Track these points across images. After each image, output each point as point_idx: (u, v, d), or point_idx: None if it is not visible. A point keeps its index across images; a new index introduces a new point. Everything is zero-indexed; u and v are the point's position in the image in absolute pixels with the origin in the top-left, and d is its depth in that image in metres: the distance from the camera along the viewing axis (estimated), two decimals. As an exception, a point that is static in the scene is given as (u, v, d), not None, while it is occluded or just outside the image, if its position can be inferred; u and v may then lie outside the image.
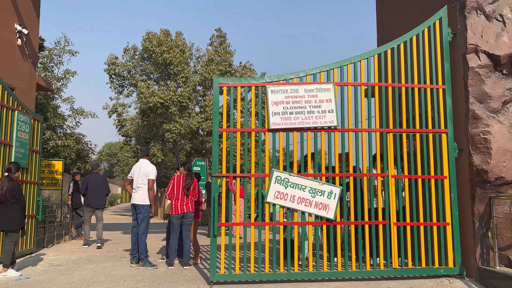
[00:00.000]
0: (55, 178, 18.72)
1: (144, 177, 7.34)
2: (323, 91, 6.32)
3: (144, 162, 7.48)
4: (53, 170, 19.09)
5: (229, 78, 6.44)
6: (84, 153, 28.10)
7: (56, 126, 24.04)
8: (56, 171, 18.93)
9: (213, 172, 6.07)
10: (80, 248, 9.96)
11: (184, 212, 7.18)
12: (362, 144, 6.34)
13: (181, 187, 7.25)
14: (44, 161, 19.36)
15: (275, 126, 6.18)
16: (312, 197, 6.09)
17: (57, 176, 18.48)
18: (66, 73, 24.38)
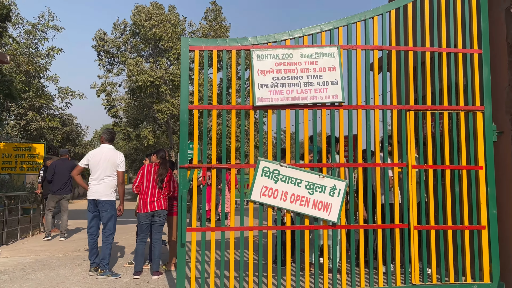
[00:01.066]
0: (36, 162, 17.43)
1: (112, 168, 5.97)
2: (325, 56, 4.87)
3: (109, 149, 6.07)
4: (34, 154, 17.77)
5: (203, 39, 4.93)
6: (74, 135, 26.77)
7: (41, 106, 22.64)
8: (38, 155, 17.61)
9: (181, 161, 4.67)
10: (43, 245, 8.65)
11: (155, 210, 5.82)
12: (375, 125, 4.92)
13: (152, 179, 5.87)
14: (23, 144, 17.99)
15: (262, 102, 4.75)
16: (310, 194, 4.70)
17: (39, 160, 17.15)
18: (50, 50, 22.83)
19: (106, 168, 5.95)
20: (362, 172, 5.15)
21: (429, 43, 5.12)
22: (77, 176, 6.15)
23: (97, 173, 5.96)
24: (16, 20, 22.69)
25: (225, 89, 4.86)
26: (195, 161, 4.76)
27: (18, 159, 17.31)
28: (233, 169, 4.74)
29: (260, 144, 4.66)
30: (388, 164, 5.00)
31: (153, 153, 6.19)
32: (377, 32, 5.05)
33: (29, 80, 21.05)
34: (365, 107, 4.92)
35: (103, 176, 5.94)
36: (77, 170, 6.13)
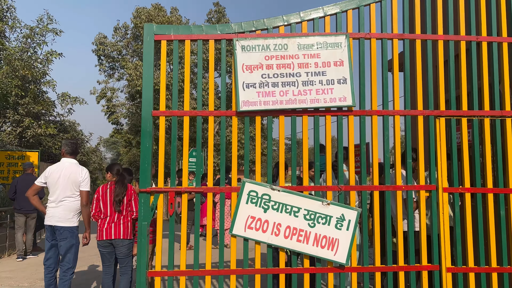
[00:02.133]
0: (29, 172, 16.55)
1: (73, 187, 4.86)
2: (330, 47, 3.77)
3: (71, 164, 4.96)
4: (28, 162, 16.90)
5: (172, 25, 3.87)
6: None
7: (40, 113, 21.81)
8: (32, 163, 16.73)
9: (141, 185, 3.58)
10: (12, 269, 7.62)
11: (112, 239, 4.70)
12: (395, 135, 3.80)
13: (109, 202, 4.77)
14: (17, 152, 17.09)
15: (248, 106, 3.66)
16: (311, 226, 3.58)
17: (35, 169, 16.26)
18: (49, 54, 22.02)
19: (65, 188, 4.86)
20: (378, 196, 4.02)
21: (464, 30, 3.99)
22: (32, 197, 5.05)
23: (56, 193, 4.88)
24: (13, 23, 21.96)
25: (201, 90, 3.78)
26: (161, 183, 3.66)
27: (11, 168, 16.44)
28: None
29: (246, 159, 3.57)
30: (412, 186, 3.85)
31: (106, 170, 5.08)
32: (397, 17, 3.94)
33: (26, 86, 20.24)
34: (382, 113, 3.80)
35: (62, 197, 4.86)
36: (32, 189, 5.04)
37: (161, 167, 3.64)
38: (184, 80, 3.75)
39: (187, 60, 3.76)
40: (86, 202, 4.87)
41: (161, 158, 3.64)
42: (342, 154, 3.79)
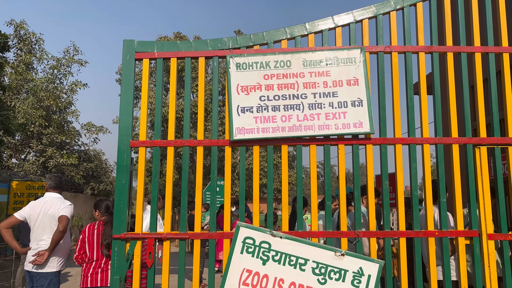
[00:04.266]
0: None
1: (53, 224, 4.30)
2: (342, 63, 3.15)
3: (52, 199, 4.44)
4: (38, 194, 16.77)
5: (156, 41, 3.38)
6: (100, 171, 25.93)
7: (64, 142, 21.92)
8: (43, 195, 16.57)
9: (115, 230, 2.98)
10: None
11: (98, 286, 4.09)
12: (425, 168, 3.10)
13: (96, 245, 4.18)
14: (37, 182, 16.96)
15: (244, 134, 3.05)
16: (321, 282, 2.87)
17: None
18: (73, 85, 22.30)
19: (44, 227, 4.31)
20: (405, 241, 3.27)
21: (507, 40, 3.30)
22: (4, 230, 4.30)
23: (35, 232, 4.35)
24: (41, 55, 22.45)
25: (188, 116, 3.21)
26: (138, 227, 3.05)
27: (31, 198, 16.31)
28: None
29: (241, 199, 2.94)
30: (448, 232, 3.10)
31: (94, 208, 4.49)
32: (423, 27, 3.30)
33: (50, 116, 20.42)
34: (408, 141, 3.11)
35: (41, 237, 4.31)
36: (7, 222, 4.36)
37: (140, 206, 3.05)
38: (169, 103, 3.20)
39: (173, 81, 3.22)
40: (63, 227, 4.20)
41: (139, 195, 3.05)
42: (358, 191, 3.10)
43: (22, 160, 20.92)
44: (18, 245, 4.43)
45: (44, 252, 4.16)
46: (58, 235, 4.20)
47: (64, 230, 4.22)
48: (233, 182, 22.49)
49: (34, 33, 22.59)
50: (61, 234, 4.21)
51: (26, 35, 22.17)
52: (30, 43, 22.32)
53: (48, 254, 4.18)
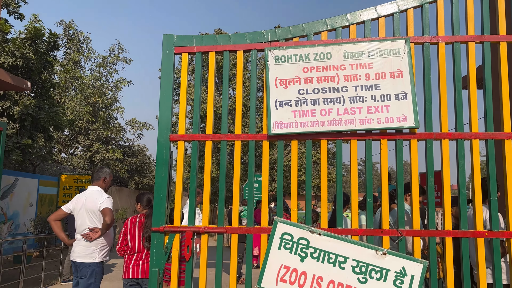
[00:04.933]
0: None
1: (92, 217, 4.45)
2: (386, 55, 3.03)
3: (92, 192, 4.60)
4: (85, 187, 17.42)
5: (195, 35, 3.36)
6: (144, 166, 26.64)
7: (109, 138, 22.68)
8: (98, 187, 17.16)
9: (154, 222, 3.01)
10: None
11: (139, 278, 4.18)
12: (474, 165, 2.93)
13: (137, 237, 4.27)
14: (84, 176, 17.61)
15: (282, 128, 3.00)
16: (361, 282, 2.78)
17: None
18: (118, 82, 23.02)
19: (84, 218, 4.46)
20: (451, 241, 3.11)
21: None
22: (53, 223, 4.55)
23: (78, 224, 4.51)
24: (88, 54, 23.31)
25: (226, 110, 3.19)
26: (177, 221, 3.07)
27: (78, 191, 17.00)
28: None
29: (279, 194, 2.89)
30: (500, 233, 2.92)
31: (136, 201, 4.57)
32: (473, 15, 3.11)
33: (97, 112, 21.16)
34: (455, 136, 2.95)
35: (83, 230, 4.46)
36: (56, 214, 4.60)
37: (178, 200, 3.07)
38: (208, 98, 3.19)
39: (211, 75, 3.21)
40: (110, 220, 4.30)
41: (178, 189, 3.08)
42: (402, 188, 2.97)
43: (70, 154, 21.83)
44: (65, 236, 4.61)
45: (98, 230, 4.31)
46: (105, 228, 4.32)
47: (111, 223, 4.33)
48: (272, 178, 22.49)
49: (82, 33, 23.51)
50: (109, 226, 4.33)
51: (74, 35, 23.09)
52: (78, 42, 23.24)
53: (99, 235, 4.32)
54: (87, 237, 4.32)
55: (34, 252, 12.20)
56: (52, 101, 12.38)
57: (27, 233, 13.71)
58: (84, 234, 4.35)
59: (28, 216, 13.68)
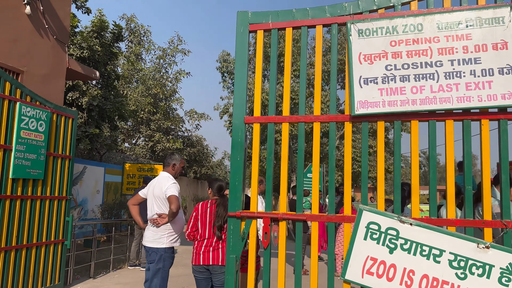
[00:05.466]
0: (156, 183, 17.49)
1: (159, 202, 4.45)
2: (487, 24, 2.68)
3: (161, 178, 4.60)
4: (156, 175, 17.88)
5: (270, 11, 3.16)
6: (202, 156, 27.14)
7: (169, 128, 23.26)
8: (157, 176, 17.65)
9: (230, 207, 2.89)
10: (127, 282, 7.64)
11: (208, 264, 4.11)
12: None
13: (208, 223, 4.20)
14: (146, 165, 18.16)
15: (367, 108, 2.75)
16: (460, 277, 2.49)
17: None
18: (178, 73, 23.48)
19: (153, 204, 4.48)
20: None
21: None
22: (132, 207, 4.70)
23: (148, 209, 4.55)
24: (149, 46, 23.95)
25: (304, 89, 2.98)
26: (254, 206, 2.92)
27: (141, 180, 17.57)
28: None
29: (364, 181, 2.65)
30: None
31: (208, 186, 4.49)
32: None
33: (157, 103, 21.73)
34: None
35: (151, 215, 4.48)
36: (134, 198, 4.73)
37: (255, 185, 2.92)
38: (284, 77, 2.99)
39: (288, 53, 3.01)
40: (176, 208, 4.25)
41: (254, 174, 2.92)
42: (507, 174, 2.63)
43: (133, 144, 22.64)
44: (141, 220, 4.68)
45: (165, 216, 4.31)
46: (171, 215, 4.30)
47: (177, 211, 4.29)
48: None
49: (143, 26, 24.19)
50: (174, 214, 4.30)
51: (135, 28, 23.80)
52: (139, 35, 23.94)
53: (166, 222, 4.31)
54: (154, 222, 4.32)
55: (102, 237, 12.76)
56: (117, 92, 12.77)
57: (95, 218, 14.37)
58: (151, 219, 4.37)
59: (95, 203, 14.32)
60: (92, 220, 13.88)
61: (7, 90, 5.66)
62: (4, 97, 5.58)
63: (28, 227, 5.99)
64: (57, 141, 6.58)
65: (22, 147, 5.87)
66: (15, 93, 5.79)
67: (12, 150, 5.72)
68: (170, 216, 4.27)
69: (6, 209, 5.63)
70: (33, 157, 6.07)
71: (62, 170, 6.72)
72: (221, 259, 4.07)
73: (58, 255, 6.61)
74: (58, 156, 6.61)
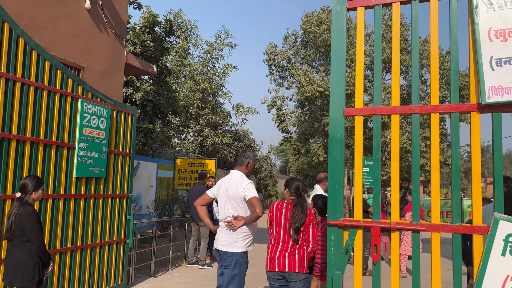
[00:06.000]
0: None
1: (234, 204, 4.10)
2: None
3: (234, 177, 4.24)
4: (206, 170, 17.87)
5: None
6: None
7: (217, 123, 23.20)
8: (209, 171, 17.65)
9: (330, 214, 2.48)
10: (188, 282, 7.46)
11: (285, 271, 3.74)
12: None
13: (283, 225, 3.83)
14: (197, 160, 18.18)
15: (503, 95, 2.25)
16: None
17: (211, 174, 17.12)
18: (225, 68, 23.31)
19: (226, 205, 4.14)
20: None
21: None
22: (199, 207, 4.37)
23: (221, 211, 4.23)
24: (196, 41, 23.94)
25: (417, 74, 2.52)
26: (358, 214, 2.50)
27: (192, 175, 17.58)
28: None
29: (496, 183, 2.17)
30: None
31: (285, 185, 4.09)
32: None
33: (205, 98, 21.67)
34: None
35: (225, 217, 4.15)
36: (201, 198, 4.41)
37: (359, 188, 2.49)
38: (392, 60, 2.54)
39: (396, 31, 2.55)
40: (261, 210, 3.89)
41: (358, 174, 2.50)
42: None
43: (182, 139, 22.76)
44: (210, 222, 4.39)
45: (241, 218, 3.98)
46: (254, 219, 3.96)
47: (262, 213, 3.94)
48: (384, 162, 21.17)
49: (189, 21, 24.20)
50: (258, 217, 3.96)
51: (182, 23, 23.83)
52: (186, 30, 23.97)
53: (243, 224, 3.98)
54: (230, 225, 4.00)
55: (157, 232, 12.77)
56: (169, 88, 12.69)
57: (149, 214, 14.47)
58: (226, 222, 4.04)
59: (149, 198, 14.40)
60: (147, 216, 13.98)
61: (70, 87, 5.54)
62: (67, 94, 5.46)
63: (92, 226, 5.89)
64: (118, 138, 6.44)
65: (85, 145, 5.75)
66: (77, 90, 5.66)
67: (75, 148, 5.60)
68: (253, 220, 3.95)
69: (71, 208, 5.53)
70: (95, 155, 5.95)
71: (123, 167, 6.58)
72: (298, 266, 3.69)
73: (121, 254, 6.49)
74: (119, 154, 6.48)
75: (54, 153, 5.28)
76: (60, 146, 5.37)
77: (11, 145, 4.69)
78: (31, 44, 4.94)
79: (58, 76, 5.34)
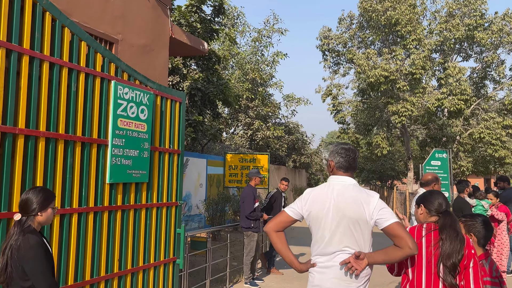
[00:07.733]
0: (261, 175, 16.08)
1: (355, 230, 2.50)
2: None
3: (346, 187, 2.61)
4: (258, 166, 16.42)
5: None
6: (299, 144, 25.39)
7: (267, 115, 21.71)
8: (262, 167, 16.22)
9: None
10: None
11: None
12: None
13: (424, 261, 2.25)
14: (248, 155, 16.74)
15: None
16: None
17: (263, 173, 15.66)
18: (275, 56, 21.73)
19: (336, 231, 2.54)
20: None
21: None
22: (274, 235, 2.74)
23: (324, 239, 2.62)
24: (243, 28, 22.50)
25: None
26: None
27: (244, 171, 16.25)
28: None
29: None
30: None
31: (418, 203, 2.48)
32: None
33: (255, 88, 20.23)
34: None
35: (341, 248, 2.55)
36: (275, 221, 2.78)
37: None
38: None
39: None
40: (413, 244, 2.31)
41: None
42: None
43: (231, 133, 21.47)
44: (295, 259, 2.77)
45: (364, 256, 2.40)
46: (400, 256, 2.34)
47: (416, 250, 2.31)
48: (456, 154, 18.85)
49: (236, 7, 22.79)
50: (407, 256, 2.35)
51: (229, 10, 22.47)
52: (232, 18, 22.59)
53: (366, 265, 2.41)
54: (350, 269, 2.40)
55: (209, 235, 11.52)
56: (219, 74, 11.30)
57: (199, 214, 13.24)
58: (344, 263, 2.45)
59: (199, 198, 13.22)
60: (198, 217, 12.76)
61: (99, 65, 4.16)
62: (95, 74, 4.08)
63: (133, 246, 4.52)
64: (163, 132, 5.03)
65: (121, 141, 4.37)
66: (109, 69, 4.28)
67: (108, 146, 4.23)
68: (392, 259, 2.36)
69: (105, 224, 4.17)
70: (135, 153, 4.56)
71: (170, 168, 5.17)
72: None
73: (170, 278, 5.11)
74: (165, 151, 5.07)
75: (79, 152, 3.91)
76: (87, 143, 4.00)
77: (16, 143, 3.36)
78: (44, 5, 3.58)
79: (82, 49, 3.96)
